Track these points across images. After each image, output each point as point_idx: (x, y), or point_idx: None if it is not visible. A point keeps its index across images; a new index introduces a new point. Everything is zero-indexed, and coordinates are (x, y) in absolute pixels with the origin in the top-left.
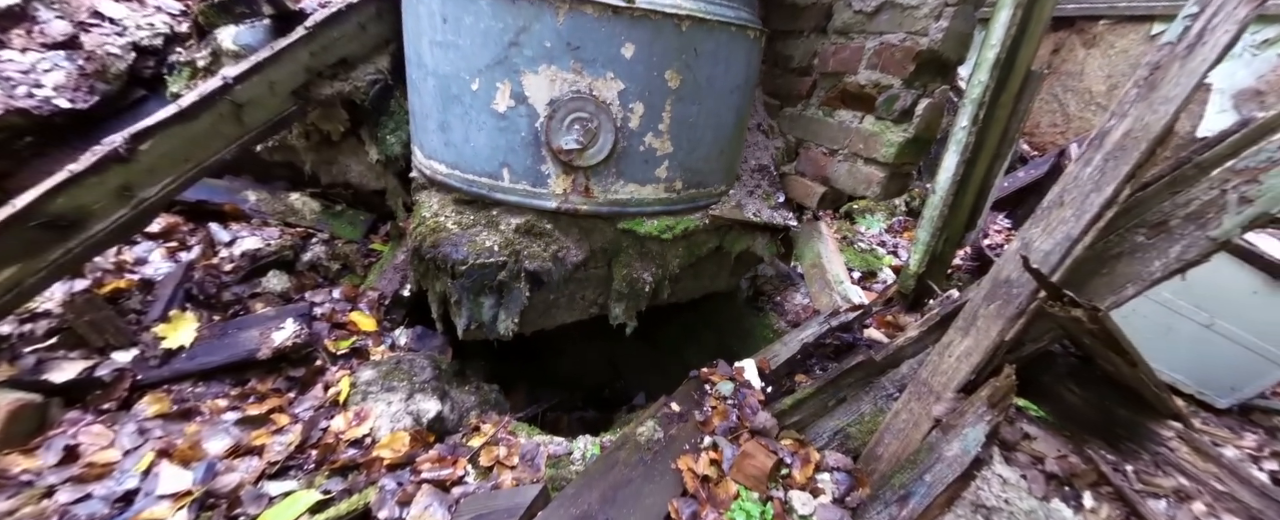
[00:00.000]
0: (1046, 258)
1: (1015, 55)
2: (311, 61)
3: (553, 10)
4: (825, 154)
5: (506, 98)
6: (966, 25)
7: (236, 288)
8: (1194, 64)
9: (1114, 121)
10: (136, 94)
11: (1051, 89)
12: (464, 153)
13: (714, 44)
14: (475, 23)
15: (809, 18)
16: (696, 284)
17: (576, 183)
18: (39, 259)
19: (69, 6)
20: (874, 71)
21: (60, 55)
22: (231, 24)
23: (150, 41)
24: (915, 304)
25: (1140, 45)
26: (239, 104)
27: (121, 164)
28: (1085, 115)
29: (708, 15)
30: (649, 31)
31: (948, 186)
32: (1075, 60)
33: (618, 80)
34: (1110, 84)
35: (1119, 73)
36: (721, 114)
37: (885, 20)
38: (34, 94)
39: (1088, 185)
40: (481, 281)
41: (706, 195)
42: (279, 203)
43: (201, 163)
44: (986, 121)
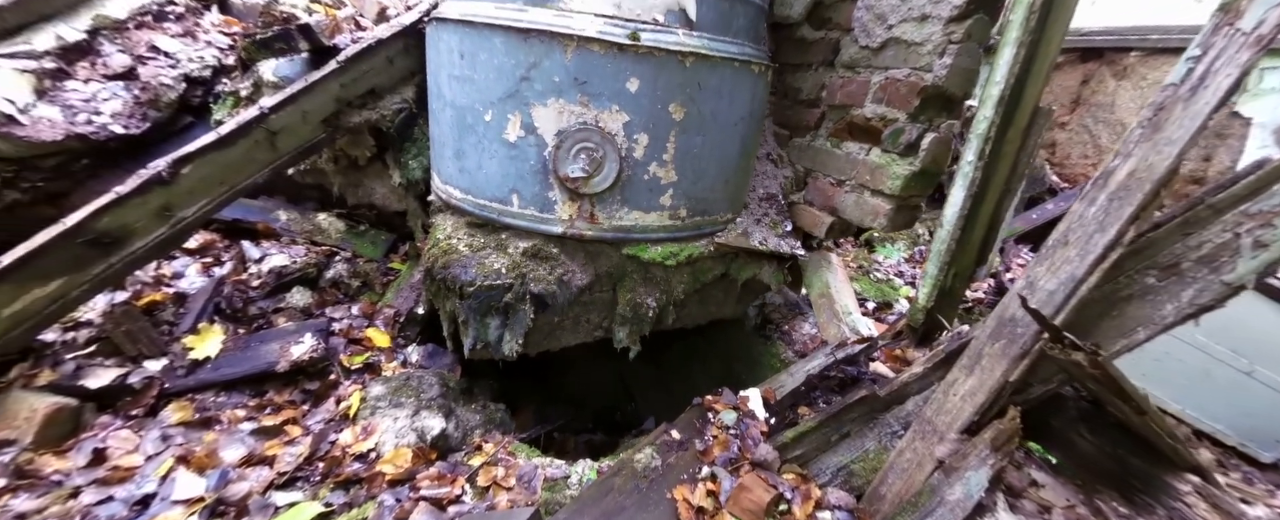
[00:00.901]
0: (1050, 297)
1: (1020, 92)
2: (342, 92)
3: (562, 48)
4: (833, 184)
5: (517, 128)
6: (970, 62)
7: (262, 302)
8: (1197, 106)
9: (1118, 161)
10: (185, 120)
11: (1082, 120)
12: (477, 179)
13: (718, 79)
14: (490, 59)
15: (817, 52)
16: (703, 310)
17: (582, 209)
18: (84, 273)
19: (129, 41)
20: (880, 105)
21: (119, 85)
22: (272, 58)
23: (200, 73)
24: (924, 339)
25: None
26: (273, 131)
27: (163, 186)
28: (1116, 148)
29: (711, 52)
30: (653, 67)
31: (955, 221)
32: (1106, 92)
33: (623, 113)
34: None
35: None
36: (726, 145)
37: (890, 56)
38: (92, 120)
39: (1092, 225)
40: (488, 303)
41: (712, 223)
42: (308, 222)
43: (236, 185)
44: (993, 157)
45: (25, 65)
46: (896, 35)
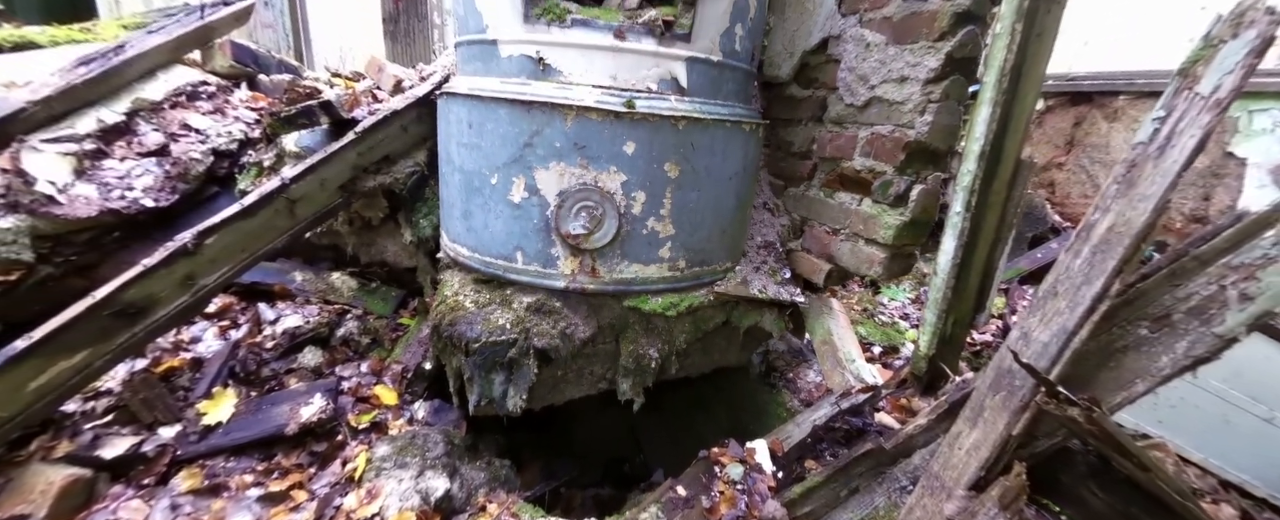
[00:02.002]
0: (1044, 349)
1: (1001, 146)
2: (359, 160)
3: (562, 117)
4: (829, 233)
5: (521, 190)
6: (951, 118)
7: (275, 363)
8: (1166, 164)
9: (1098, 215)
10: (211, 190)
11: (1078, 161)
12: (483, 237)
13: (710, 139)
14: (495, 128)
15: (806, 108)
16: (706, 359)
17: (583, 264)
18: (109, 343)
19: (164, 120)
20: (868, 159)
21: (151, 161)
22: (295, 132)
23: (227, 146)
24: (929, 387)
25: None
26: (293, 200)
27: (188, 257)
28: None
29: (702, 115)
30: (648, 131)
31: (948, 269)
32: (1099, 133)
33: (620, 173)
34: None
35: None
36: (721, 198)
37: (874, 113)
38: (125, 196)
39: (1078, 277)
40: (492, 359)
41: (711, 272)
42: (321, 281)
43: (256, 252)
44: (981, 207)
45: (68, 149)
46: (879, 95)
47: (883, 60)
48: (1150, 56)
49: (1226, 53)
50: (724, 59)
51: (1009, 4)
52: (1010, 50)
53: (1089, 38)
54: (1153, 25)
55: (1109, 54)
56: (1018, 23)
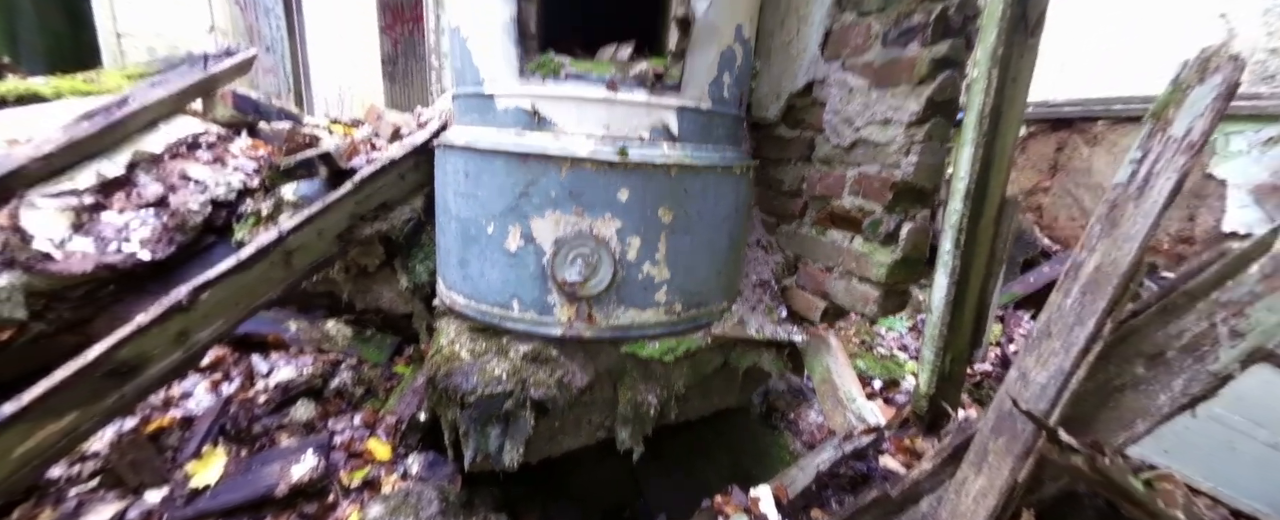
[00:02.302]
0: (1043, 392)
1: (985, 185)
2: (356, 209)
3: (557, 167)
4: (822, 270)
5: (517, 238)
6: (934, 158)
7: (266, 419)
8: (1146, 206)
9: (1085, 255)
10: (208, 240)
11: (1063, 185)
12: (479, 286)
13: (702, 184)
14: (492, 179)
15: (794, 148)
16: (706, 402)
17: (580, 311)
18: (98, 404)
19: (164, 171)
20: (857, 198)
21: (150, 213)
22: (293, 183)
23: (226, 196)
24: (932, 427)
25: None
26: (289, 251)
27: (182, 313)
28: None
29: (694, 161)
30: (641, 179)
31: (942, 307)
32: (1081, 158)
33: (615, 219)
34: None
35: None
36: (715, 240)
37: (861, 154)
38: (122, 249)
39: (1070, 317)
40: (489, 411)
41: (707, 314)
42: (316, 330)
43: (251, 305)
44: (970, 245)
45: (67, 203)
46: (864, 136)
47: (866, 104)
48: (1125, 81)
49: (1195, 97)
50: (713, 107)
51: (983, 51)
52: (987, 94)
53: (1065, 63)
54: (1126, 52)
55: (1085, 80)
56: (993, 69)
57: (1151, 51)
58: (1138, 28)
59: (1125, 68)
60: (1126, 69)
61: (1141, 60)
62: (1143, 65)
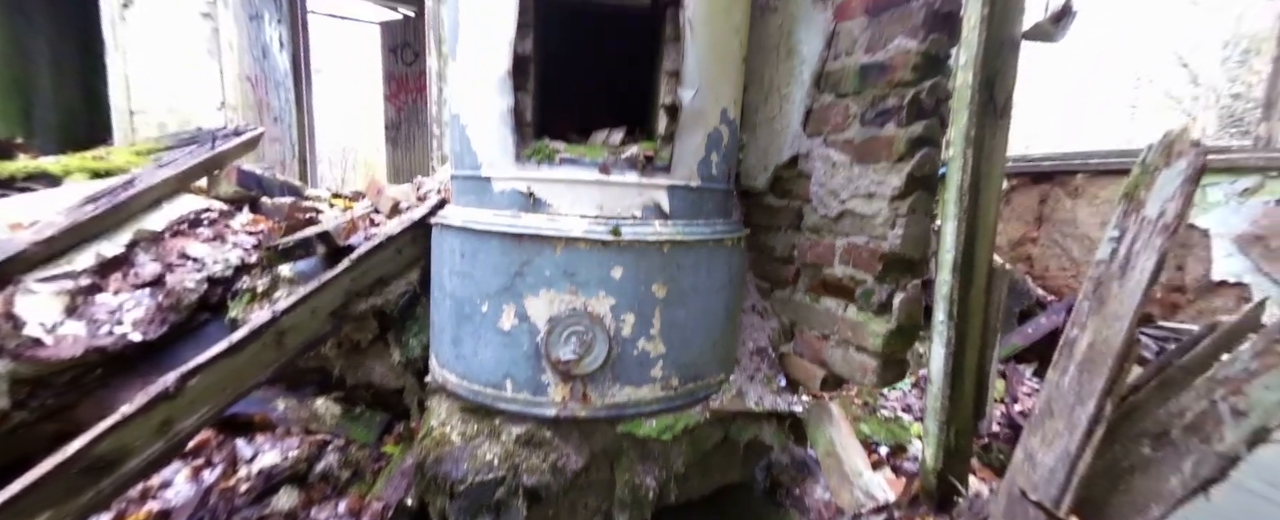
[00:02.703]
0: (1052, 476)
1: (972, 256)
2: (352, 285)
3: (552, 247)
4: (819, 338)
5: (511, 317)
6: (920, 229)
7: (247, 510)
8: (1131, 285)
9: (1076, 331)
10: (201, 318)
11: (1051, 235)
12: (472, 365)
13: (694, 258)
14: (487, 258)
15: (783, 217)
16: (706, 480)
17: (574, 390)
18: (73, 502)
19: (163, 249)
20: (848, 266)
21: (145, 293)
22: (291, 262)
23: (222, 273)
24: (942, 504)
25: None
26: (282, 331)
27: (167, 401)
28: (1089, 259)
29: (686, 237)
30: (634, 256)
31: (942, 379)
32: (1065, 209)
33: (609, 297)
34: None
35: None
36: (710, 311)
37: (848, 224)
38: (113, 331)
39: (1070, 397)
40: (479, 501)
41: (705, 387)
42: (305, 409)
43: (240, 389)
44: (964, 316)
45: (63, 286)
46: (850, 208)
47: (849, 178)
48: (1096, 138)
49: (1164, 180)
50: (702, 184)
51: (957, 132)
52: (964, 172)
53: (1039, 115)
54: (1096, 104)
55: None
56: (967, 148)
57: (1118, 102)
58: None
59: (1095, 119)
60: (1097, 120)
61: (1109, 111)
62: (1111, 116)
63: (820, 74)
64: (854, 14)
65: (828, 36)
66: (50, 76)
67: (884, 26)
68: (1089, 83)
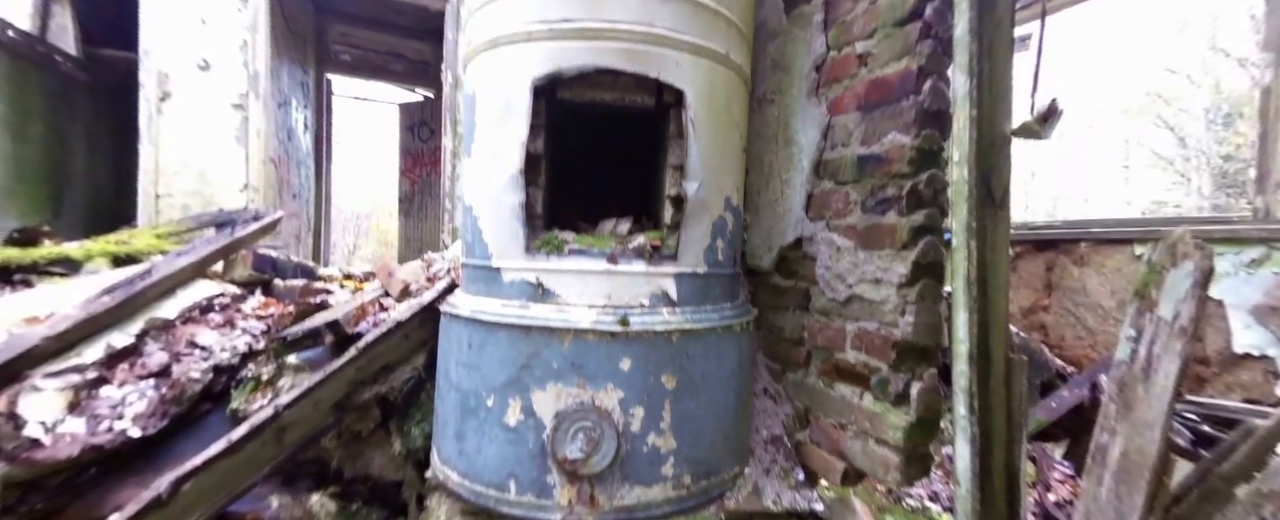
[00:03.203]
0: None
1: (986, 347)
2: (357, 374)
3: (559, 340)
4: (836, 428)
5: (517, 412)
6: (931, 317)
7: None
8: (1156, 390)
9: (1106, 437)
10: (203, 409)
11: (1062, 304)
12: (475, 463)
13: (703, 346)
14: (495, 350)
15: (791, 297)
16: None
17: (581, 492)
18: None
19: (173, 337)
20: (860, 353)
21: (149, 384)
22: (298, 353)
23: (229, 361)
24: None
25: (1130, 264)
26: (283, 426)
27: (160, 509)
28: (1105, 328)
29: (694, 325)
30: (643, 347)
31: (970, 478)
32: (1072, 278)
33: (618, 390)
34: (1117, 299)
35: (1120, 288)
36: (721, 401)
37: (857, 309)
38: (113, 428)
39: (1110, 511)
40: None
41: (719, 484)
42: (299, 506)
43: (235, 491)
44: (985, 409)
45: (69, 381)
46: (857, 293)
47: (855, 263)
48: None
49: (1173, 280)
50: (709, 270)
51: (958, 224)
52: (970, 263)
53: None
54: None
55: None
56: (970, 239)
57: (1110, 162)
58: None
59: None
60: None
61: (1103, 170)
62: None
63: (818, 162)
64: (847, 109)
65: (823, 128)
66: (84, 160)
67: (877, 122)
68: (1080, 143)
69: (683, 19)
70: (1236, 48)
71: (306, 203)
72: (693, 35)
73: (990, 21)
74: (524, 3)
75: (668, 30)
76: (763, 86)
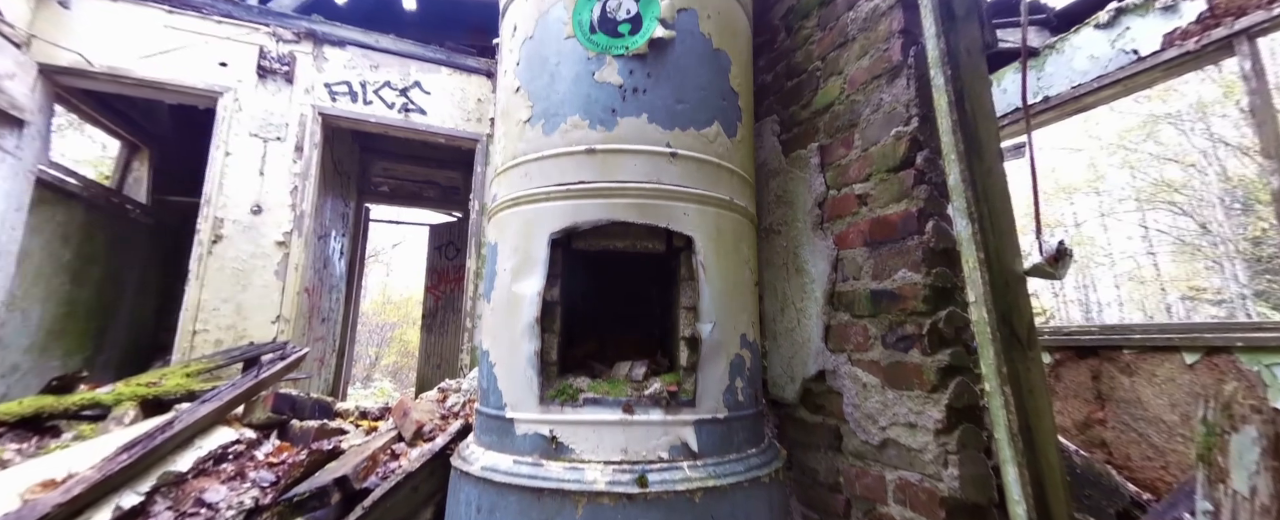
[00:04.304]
0: None
1: (1046, 508)
2: None
3: (573, 505)
4: None
5: None
6: (977, 468)
7: None
8: None
9: None
10: None
11: (1120, 419)
12: None
13: (731, 505)
14: (505, 516)
15: (820, 435)
16: None
17: None
18: None
19: (182, 494)
20: (905, 509)
21: None
22: (305, 515)
23: (235, 518)
24: None
25: (1183, 373)
26: None
27: None
28: (1173, 446)
29: (718, 480)
30: (663, 511)
31: None
32: (1124, 388)
33: None
34: (1180, 413)
35: (1181, 401)
36: None
37: (894, 455)
38: None
39: None
40: None
41: None
42: None
43: None
44: None
45: None
46: (892, 437)
47: (884, 403)
48: (1133, 311)
49: (1239, 447)
50: (730, 414)
51: (987, 367)
52: (1008, 411)
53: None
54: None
55: (1083, 291)
56: (1004, 385)
57: (1135, 252)
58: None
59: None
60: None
61: (1128, 260)
62: (1131, 265)
63: (832, 293)
64: (854, 244)
65: (832, 260)
66: (133, 297)
67: (885, 258)
68: (1096, 231)
69: (688, 174)
70: (1232, 136)
71: (334, 325)
72: (698, 186)
73: (980, 169)
74: (544, 167)
75: (674, 185)
76: (769, 218)
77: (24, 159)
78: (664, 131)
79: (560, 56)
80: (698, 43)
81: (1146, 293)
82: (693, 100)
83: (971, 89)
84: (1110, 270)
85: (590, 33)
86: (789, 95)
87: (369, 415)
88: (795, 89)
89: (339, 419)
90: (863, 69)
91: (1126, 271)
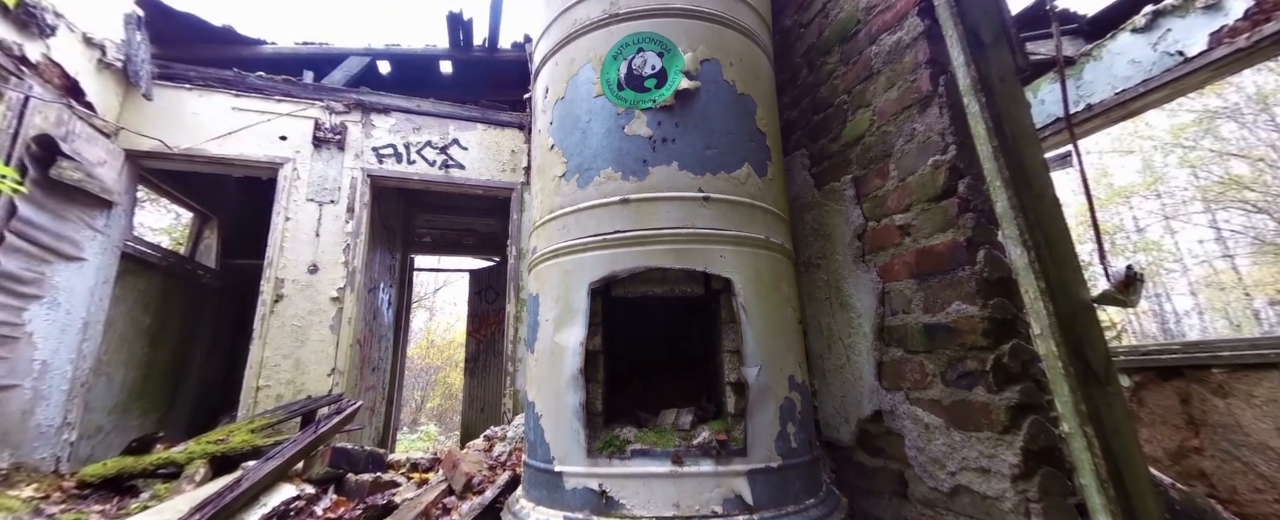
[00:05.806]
0: None
1: None
2: None
3: None
4: None
5: None
6: (1065, 517)
7: None
8: None
9: None
10: None
11: (1219, 446)
12: None
13: None
14: None
15: (882, 480)
16: None
17: None
18: None
19: None
20: None
21: None
22: None
23: None
24: None
25: None
26: None
27: None
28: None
29: None
30: None
31: None
32: (1219, 411)
33: None
34: None
35: None
36: None
37: (968, 504)
38: None
39: None
40: None
41: None
42: None
43: None
44: None
45: None
46: (963, 484)
47: (951, 445)
48: (1213, 326)
49: None
50: (784, 461)
51: (1063, 406)
52: (1093, 453)
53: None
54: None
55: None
56: (1084, 425)
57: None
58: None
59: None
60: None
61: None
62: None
63: (881, 328)
64: (900, 276)
65: (878, 294)
66: (202, 356)
67: (936, 290)
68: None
69: (722, 216)
70: None
71: (383, 374)
72: (733, 228)
73: (1030, 196)
74: (581, 219)
75: (708, 228)
76: (806, 251)
77: (112, 236)
78: (695, 177)
79: (591, 114)
80: (722, 90)
81: (1229, 299)
82: (721, 145)
83: (1009, 113)
84: (1184, 277)
85: (618, 89)
86: (816, 129)
87: (419, 467)
88: (823, 123)
89: (391, 470)
90: (892, 100)
91: (1202, 277)
